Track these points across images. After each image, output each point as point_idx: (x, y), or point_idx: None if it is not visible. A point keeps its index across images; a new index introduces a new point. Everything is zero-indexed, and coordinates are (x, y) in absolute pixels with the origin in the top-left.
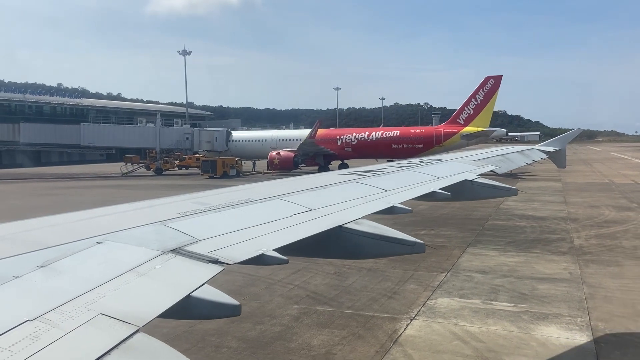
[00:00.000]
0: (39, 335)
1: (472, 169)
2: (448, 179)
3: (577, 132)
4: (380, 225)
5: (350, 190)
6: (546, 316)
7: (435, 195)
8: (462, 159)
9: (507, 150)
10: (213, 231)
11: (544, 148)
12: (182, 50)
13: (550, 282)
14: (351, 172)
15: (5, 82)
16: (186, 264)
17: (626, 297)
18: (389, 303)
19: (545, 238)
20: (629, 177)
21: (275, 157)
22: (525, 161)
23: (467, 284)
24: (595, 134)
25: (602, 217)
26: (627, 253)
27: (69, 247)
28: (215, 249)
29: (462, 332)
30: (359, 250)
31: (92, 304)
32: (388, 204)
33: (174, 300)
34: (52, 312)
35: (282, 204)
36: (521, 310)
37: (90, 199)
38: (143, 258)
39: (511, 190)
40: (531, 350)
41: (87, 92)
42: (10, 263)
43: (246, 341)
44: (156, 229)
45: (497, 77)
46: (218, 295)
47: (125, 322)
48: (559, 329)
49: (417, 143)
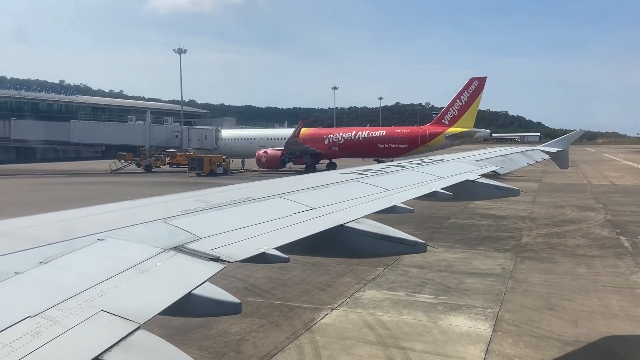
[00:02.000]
0: (41, 332)
1: (474, 169)
2: (450, 178)
3: (579, 133)
4: (381, 225)
5: (351, 189)
6: (460, 307)
7: (437, 195)
8: (463, 159)
9: (509, 150)
10: (214, 229)
11: (546, 149)
12: (177, 49)
13: (479, 277)
14: (353, 171)
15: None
16: (187, 262)
17: (544, 291)
18: (319, 295)
19: (496, 236)
20: (609, 178)
21: (263, 155)
22: (528, 162)
23: (400, 278)
24: (596, 135)
25: (562, 216)
26: (566, 251)
27: (70, 244)
28: (216, 247)
29: (374, 321)
30: (360, 250)
31: (93, 301)
32: (389, 204)
33: (175, 298)
34: (54, 308)
35: (284, 202)
36: (439, 302)
37: (72, 195)
38: (144, 255)
39: (513, 190)
40: (430, 337)
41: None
42: (12, 259)
43: (169, 329)
44: (158, 227)
45: (482, 79)
46: (219, 293)
47: (126, 319)
48: (466, 318)
49: (403, 143)
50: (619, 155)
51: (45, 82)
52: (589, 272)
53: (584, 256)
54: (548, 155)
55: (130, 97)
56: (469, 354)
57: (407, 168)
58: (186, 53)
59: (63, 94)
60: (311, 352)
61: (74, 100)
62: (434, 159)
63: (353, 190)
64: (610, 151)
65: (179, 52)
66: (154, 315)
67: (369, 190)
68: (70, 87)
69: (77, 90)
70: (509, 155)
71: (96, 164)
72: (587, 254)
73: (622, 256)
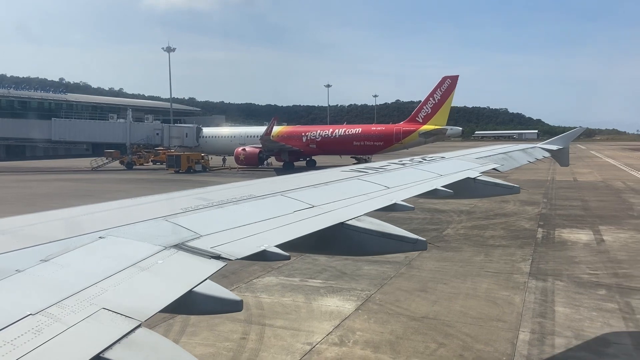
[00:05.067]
0: (42, 329)
1: (475, 167)
2: (450, 176)
3: (580, 130)
4: (382, 222)
5: (352, 187)
6: (341, 290)
7: (437, 193)
8: (464, 156)
9: (510, 148)
10: (215, 227)
11: (547, 146)
12: (166, 47)
13: (379, 265)
14: (353, 169)
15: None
16: (188, 260)
17: (428, 276)
18: (218, 280)
19: (422, 228)
20: (576, 175)
21: (241, 153)
22: (528, 159)
23: (305, 266)
24: (593, 132)
25: (500, 210)
26: (478, 242)
27: (71, 242)
28: (217, 244)
29: (254, 302)
30: (361, 247)
31: (94, 299)
32: (390, 201)
33: (176, 296)
34: (55, 306)
35: (284, 200)
36: (325, 286)
37: (43, 191)
38: (145, 253)
39: (514, 188)
40: (296, 315)
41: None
42: (13, 257)
43: None
44: (159, 224)
45: (454, 77)
46: (220, 291)
47: (127, 317)
48: (339, 300)
49: (378, 140)
50: (605, 152)
51: (45, 80)
52: (483, 260)
53: (490, 246)
54: (549, 153)
55: (130, 95)
56: (319, 329)
57: (407, 166)
58: (188, 51)
59: (62, 93)
60: (178, 329)
61: (64, 98)
62: (435, 157)
63: (354, 188)
64: (600, 148)
65: (168, 50)
66: (155, 313)
67: (369, 188)
68: (70, 85)
69: (77, 88)
70: (510, 153)
71: (80, 161)
72: (495, 244)
73: (526, 246)
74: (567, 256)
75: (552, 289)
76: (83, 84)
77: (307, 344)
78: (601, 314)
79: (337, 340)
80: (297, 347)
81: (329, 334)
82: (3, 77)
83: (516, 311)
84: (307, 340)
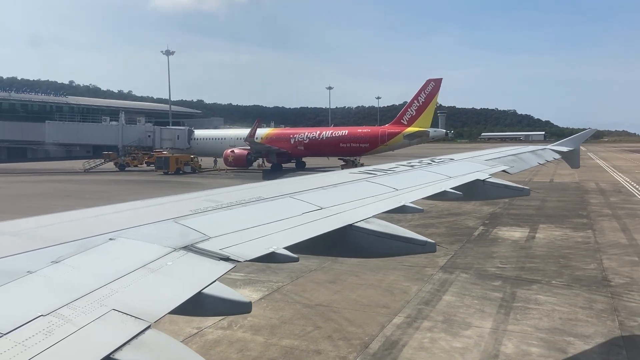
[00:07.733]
0: (52, 330)
1: (484, 169)
2: (459, 178)
3: (591, 132)
4: (390, 225)
5: (361, 189)
6: (256, 282)
7: (446, 195)
8: (473, 158)
9: (519, 150)
10: (224, 229)
11: (557, 148)
12: (165, 51)
13: (306, 259)
14: (362, 170)
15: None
16: (197, 261)
17: (345, 270)
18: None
19: None
20: (555, 176)
21: (230, 154)
22: (538, 161)
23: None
24: (602, 134)
25: (456, 210)
26: None
27: (82, 243)
28: (226, 246)
29: None
30: (369, 250)
31: (104, 300)
32: (399, 203)
33: (186, 297)
34: (65, 307)
35: (293, 202)
36: (245, 278)
37: (29, 192)
38: (155, 255)
39: (524, 190)
40: None
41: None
42: (25, 259)
43: None
44: (168, 226)
45: (437, 80)
46: (229, 293)
47: (137, 318)
48: (249, 290)
49: (364, 142)
50: (601, 154)
51: (54, 83)
52: None
53: None
54: (559, 155)
55: (139, 97)
56: None
57: (416, 168)
58: (197, 54)
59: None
60: None
61: (64, 101)
62: (444, 159)
63: (362, 190)
64: (600, 149)
65: (167, 53)
66: (165, 314)
67: (378, 190)
68: (80, 88)
69: (87, 91)
70: (520, 154)
71: (77, 163)
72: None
73: (456, 242)
74: (489, 252)
75: (452, 281)
76: (93, 86)
77: (197, 328)
78: (481, 302)
79: (225, 325)
80: (186, 331)
81: (221, 319)
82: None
83: (405, 299)
84: (199, 325)
